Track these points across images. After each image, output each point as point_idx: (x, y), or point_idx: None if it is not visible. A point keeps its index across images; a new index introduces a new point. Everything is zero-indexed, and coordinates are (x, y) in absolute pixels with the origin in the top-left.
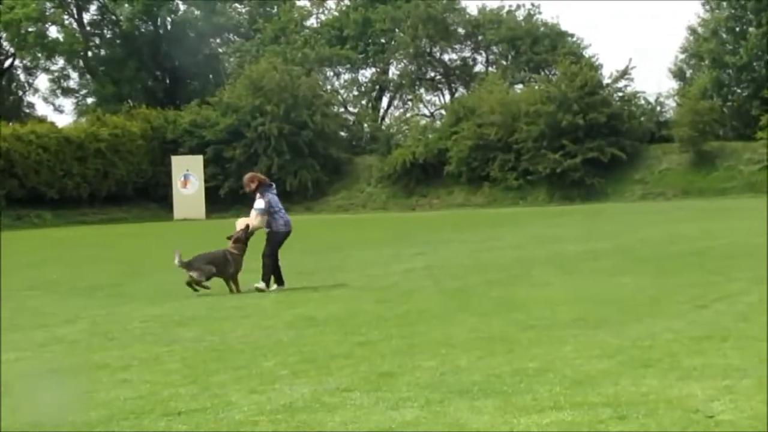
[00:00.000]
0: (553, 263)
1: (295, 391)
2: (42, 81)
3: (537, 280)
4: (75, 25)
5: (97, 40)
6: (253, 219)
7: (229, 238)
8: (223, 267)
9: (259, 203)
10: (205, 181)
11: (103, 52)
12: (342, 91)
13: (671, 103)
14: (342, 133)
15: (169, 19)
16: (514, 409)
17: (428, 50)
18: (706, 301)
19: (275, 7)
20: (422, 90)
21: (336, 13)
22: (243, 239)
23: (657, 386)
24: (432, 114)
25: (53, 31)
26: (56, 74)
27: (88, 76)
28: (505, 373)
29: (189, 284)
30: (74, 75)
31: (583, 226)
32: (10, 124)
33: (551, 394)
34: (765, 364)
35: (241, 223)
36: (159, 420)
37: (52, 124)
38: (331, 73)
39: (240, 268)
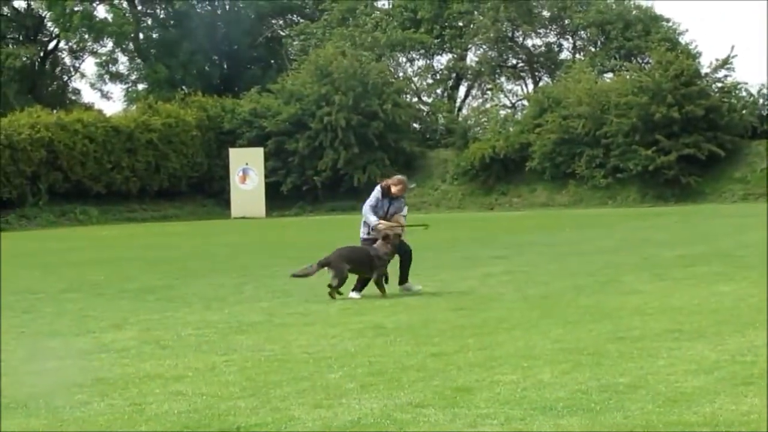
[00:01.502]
0: (646, 269)
1: (364, 406)
2: (89, 65)
3: (628, 287)
4: (125, 4)
5: (149, 21)
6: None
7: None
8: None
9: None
10: (266, 176)
11: (155, 34)
12: (415, 79)
13: None
14: (415, 125)
15: None
16: (602, 428)
17: (510, 35)
18: None
19: None
20: (503, 78)
21: None
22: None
23: (759, 405)
24: (513, 105)
25: (101, 11)
26: (104, 58)
27: (139, 60)
28: (592, 388)
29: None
30: (123, 59)
31: (677, 229)
32: (55, 111)
33: (643, 413)
34: None
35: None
36: None
37: (100, 112)
38: (404, 59)
39: None
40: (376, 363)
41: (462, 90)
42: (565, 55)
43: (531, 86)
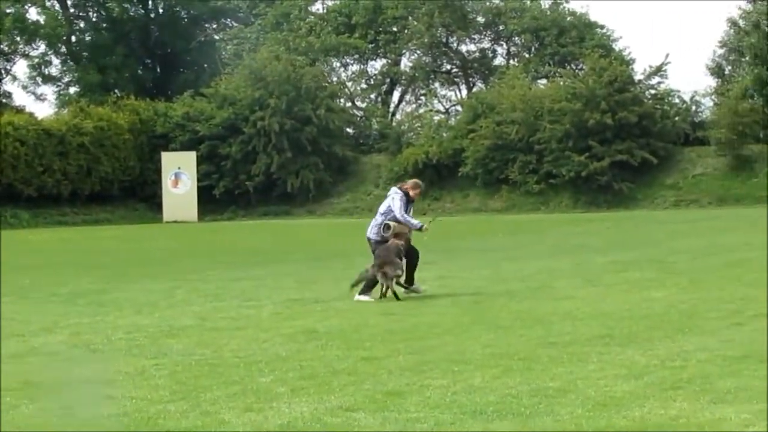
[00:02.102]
0: (578, 274)
1: (294, 410)
2: (21, 67)
3: (559, 292)
4: (57, 6)
5: (82, 24)
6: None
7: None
8: None
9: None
10: (198, 180)
11: (88, 36)
12: (349, 84)
13: (708, 102)
14: (348, 130)
15: (160, 1)
16: None
17: (444, 40)
18: (744, 318)
19: None
20: (437, 84)
21: None
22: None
23: (688, 410)
24: (447, 110)
25: (33, 13)
26: (36, 60)
27: (72, 63)
28: (522, 393)
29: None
30: (56, 61)
31: (610, 235)
32: None
33: (573, 417)
34: None
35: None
36: None
37: (31, 115)
38: (338, 64)
39: None
40: (307, 367)
41: (396, 95)
42: (499, 60)
43: (465, 92)
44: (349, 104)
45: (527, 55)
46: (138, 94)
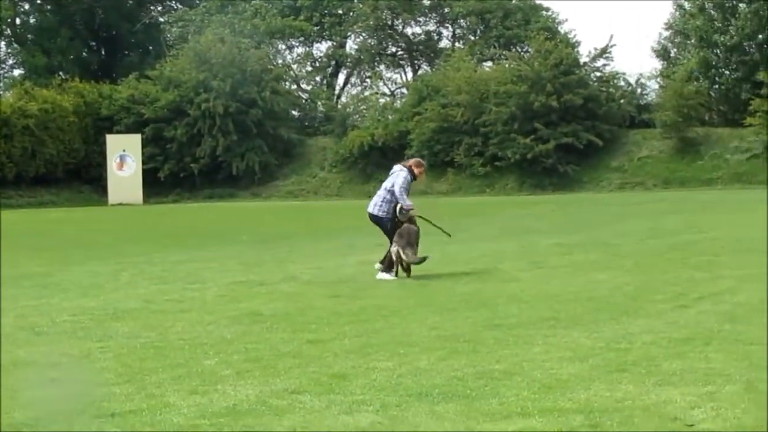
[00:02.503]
0: (523, 257)
1: (240, 393)
2: None
3: (505, 275)
4: None
5: (27, 6)
6: None
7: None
8: None
9: None
10: (143, 162)
11: (32, 19)
12: (294, 67)
13: (653, 84)
14: (294, 112)
15: None
16: (477, 414)
17: (389, 23)
18: (689, 301)
19: None
20: (382, 66)
21: None
22: None
23: (633, 392)
24: (392, 93)
25: None
26: None
27: (16, 46)
28: (468, 375)
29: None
30: (1, 44)
31: (555, 217)
32: None
33: (518, 399)
34: (751, 369)
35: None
36: (91, 422)
37: None
38: (283, 47)
39: None
40: (253, 350)
41: (341, 77)
42: (444, 43)
43: (410, 74)
44: (294, 87)
45: (473, 38)
46: (83, 77)
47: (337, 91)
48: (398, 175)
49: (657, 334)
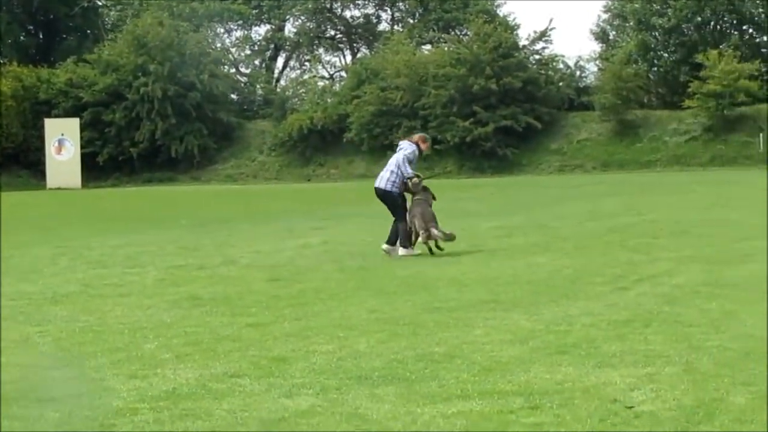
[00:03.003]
0: (463, 240)
1: (179, 376)
2: None
3: (445, 257)
4: None
5: None
6: None
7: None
8: None
9: None
10: (82, 146)
11: None
12: (233, 50)
13: (592, 67)
14: (233, 96)
15: None
16: (417, 397)
17: (328, 6)
18: (628, 283)
19: None
20: (321, 50)
21: None
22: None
23: (573, 374)
24: (331, 76)
25: None
26: None
27: None
28: (408, 358)
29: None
30: None
31: (494, 201)
32: None
33: (458, 382)
34: (690, 350)
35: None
36: (30, 406)
37: None
38: (222, 30)
39: None
40: (192, 333)
41: (280, 61)
42: (383, 26)
43: (349, 58)
44: (233, 70)
45: (411, 21)
46: (21, 61)
47: (275, 75)
48: (405, 149)
49: (596, 316)
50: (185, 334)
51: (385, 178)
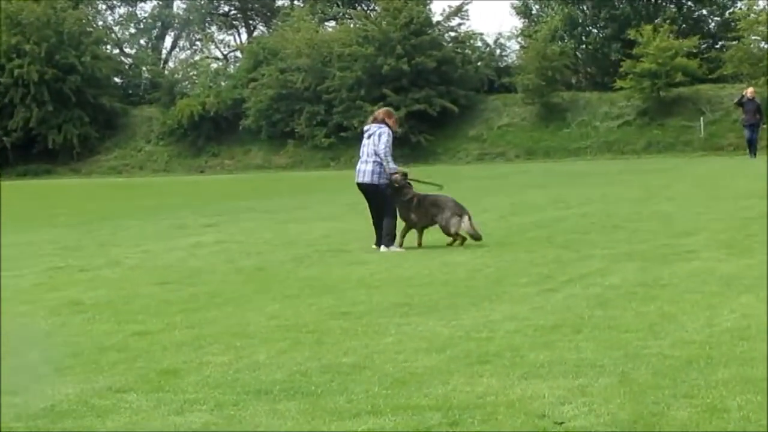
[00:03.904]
0: (371, 237)
1: (59, 392)
2: None
3: (352, 257)
4: None
5: None
6: None
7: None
8: None
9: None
10: None
11: None
12: (116, 29)
13: (514, 45)
14: (116, 79)
15: None
16: (323, 413)
17: None
18: (556, 284)
19: None
20: (214, 28)
21: None
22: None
23: (496, 386)
24: (225, 57)
25: None
26: None
27: None
28: (312, 369)
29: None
30: None
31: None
32: None
33: (368, 396)
34: (626, 359)
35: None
36: None
37: None
38: (104, 7)
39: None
40: (73, 343)
41: (168, 41)
42: (282, 2)
43: (245, 36)
44: (116, 51)
45: None
46: None
47: (163, 56)
48: (380, 134)
49: (522, 321)
50: (65, 343)
51: (369, 171)
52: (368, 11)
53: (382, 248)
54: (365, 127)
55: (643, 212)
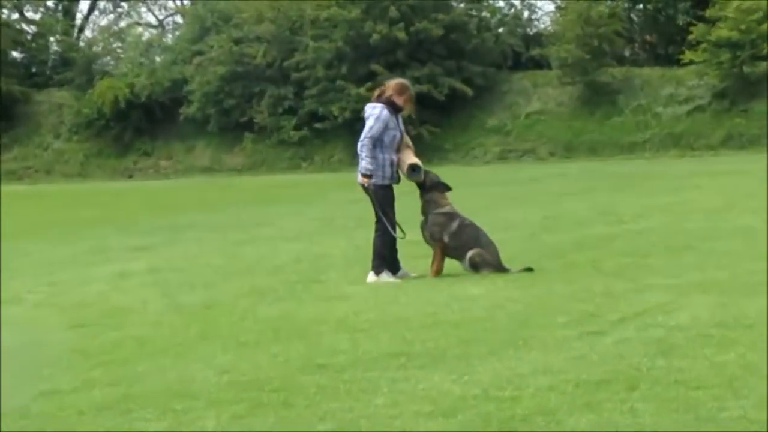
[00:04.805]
0: (356, 263)
1: None
2: None
3: (331, 289)
4: None
5: None
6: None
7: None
8: None
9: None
10: None
11: None
12: None
13: (548, 5)
14: (15, 54)
15: None
16: None
17: None
18: (604, 324)
19: None
20: None
21: None
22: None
23: None
24: (161, 23)
25: None
26: None
27: None
28: None
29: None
30: None
31: (403, 204)
32: None
33: None
34: (698, 424)
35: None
36: None
37: None
38: None
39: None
40: None
41: (84, 3)
42: None
43: None
44: (15, 16)
45: None
46: None
47: (78, 23)
48: (369, 117)
49: (557, 375)
50: None
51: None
52: None
53: (370, 277)
54: (365, 108)
55: (721, 228)
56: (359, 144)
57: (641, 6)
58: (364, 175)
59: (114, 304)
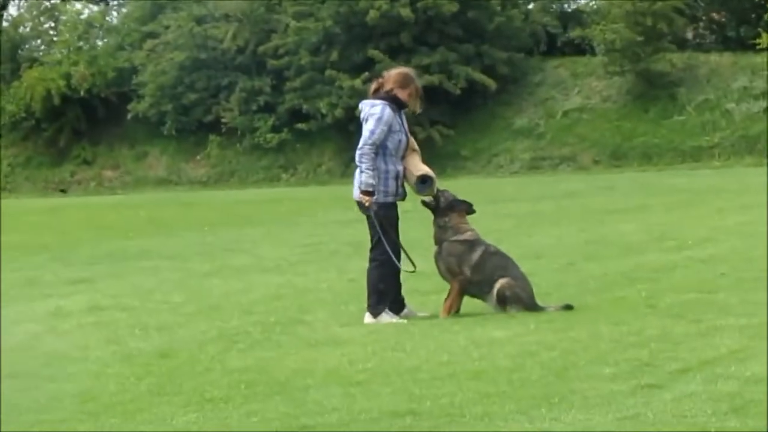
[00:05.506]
0: (350, 297)
1: None
2: None
3: (318, 333)
4: None
5: None
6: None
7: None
8: None
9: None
10: None
11: None
12: None
13: None
14: None
15: None
16: None
17: None
18: (662, 377)
19: None
20: None
21: None
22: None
23: None
24: None
25: None
26: None
27: None
28: None
29: None
30: None
31: (412, 224)
32: None
33: None
34: None
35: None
36: None
37: None
38: None
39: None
40: None
41: None
42: None
43: None
44: None
45: None
46: None
47: None
48: (368, 119)
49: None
50: None
51: (355, 182)
52: None
53: (367, 318)
54: (360, 105)
55: None
56: (357, 152)
57: None
58: (364, 192)
59: (47, 351)
